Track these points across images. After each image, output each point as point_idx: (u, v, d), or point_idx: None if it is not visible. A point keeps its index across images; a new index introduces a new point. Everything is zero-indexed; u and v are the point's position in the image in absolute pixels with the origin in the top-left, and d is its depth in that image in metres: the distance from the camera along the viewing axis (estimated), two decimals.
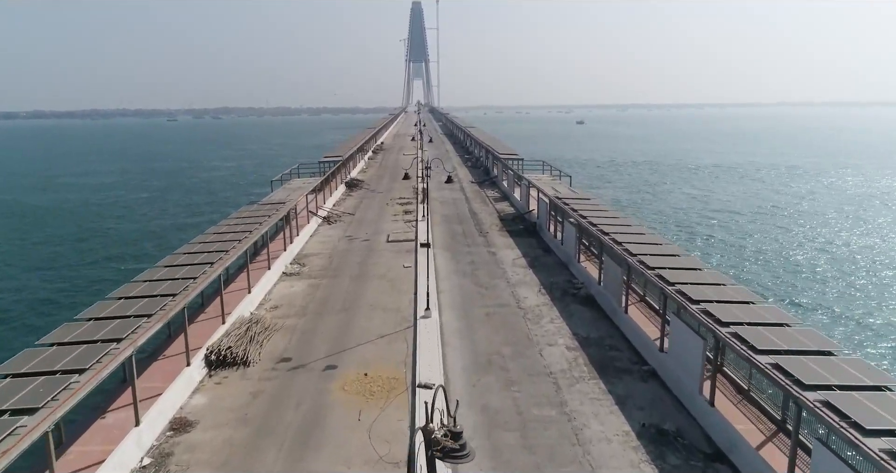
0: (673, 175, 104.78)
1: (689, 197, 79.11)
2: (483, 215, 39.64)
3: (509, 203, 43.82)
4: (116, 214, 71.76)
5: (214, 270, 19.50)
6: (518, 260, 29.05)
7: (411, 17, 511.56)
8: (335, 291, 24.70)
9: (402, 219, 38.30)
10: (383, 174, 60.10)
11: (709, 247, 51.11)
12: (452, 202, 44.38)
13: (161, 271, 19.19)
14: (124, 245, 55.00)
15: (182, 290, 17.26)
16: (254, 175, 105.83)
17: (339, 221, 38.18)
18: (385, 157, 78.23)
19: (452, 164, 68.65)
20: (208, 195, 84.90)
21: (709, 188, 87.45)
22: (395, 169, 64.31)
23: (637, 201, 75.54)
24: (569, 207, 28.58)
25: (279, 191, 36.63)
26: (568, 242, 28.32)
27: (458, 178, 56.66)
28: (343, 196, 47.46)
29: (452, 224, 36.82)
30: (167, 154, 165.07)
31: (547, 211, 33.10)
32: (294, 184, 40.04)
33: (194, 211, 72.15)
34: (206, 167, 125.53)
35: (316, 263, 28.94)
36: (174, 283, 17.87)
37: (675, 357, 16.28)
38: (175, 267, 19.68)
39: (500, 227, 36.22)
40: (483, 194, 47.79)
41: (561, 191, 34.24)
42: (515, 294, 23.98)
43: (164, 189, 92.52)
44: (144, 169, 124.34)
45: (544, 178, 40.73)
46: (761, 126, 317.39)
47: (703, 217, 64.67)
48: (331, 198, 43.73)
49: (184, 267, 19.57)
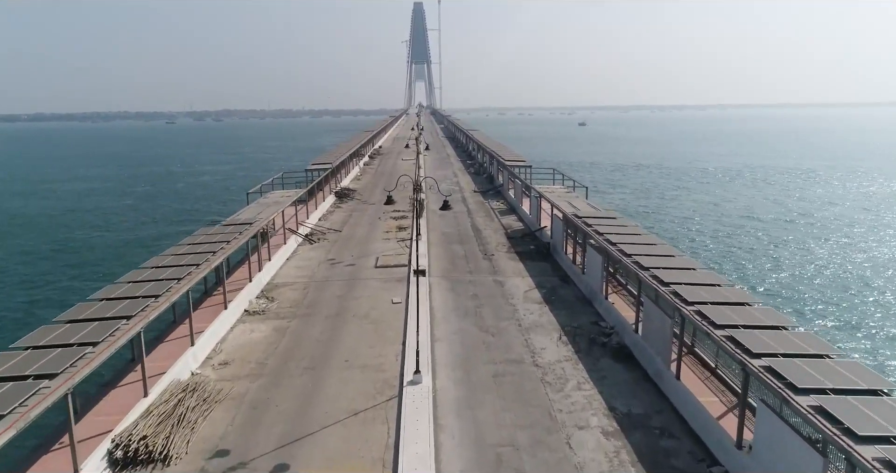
0: (683, 179, 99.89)
1: (707, 204, 74.15)
2: (488, 233, 34.74)
3: (517, 217, 38.93)
4: (93, 223, 67.07)
5: (138, 321, 14.72)
6: (531, 293, 24.15)
7: (413, 17, 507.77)
8: (304, 337, 19.82)
9: (395, 237, 33.44)
10: (378, 182, 55.26)
11: (735, 262, 46.15)
12: (453, 216, 39.50)
13: (66, 325, 14.40)
14: (89, 262, 50.25)
15: (79, 358, 12.52)
16: (244, 180, 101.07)
17: (322, 239, 33.30)
18: (382, 162, 73.40)
19: (453, 170, 63.81)
20: (194, 202, 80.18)
21: (725, 194, 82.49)
22: (391, 176, 59.43)
23: (650, 208, 70.60)
24: (591, 228, 23.71)
25: (251, 207, 31.73)
26: (591, 271, 23.42)
27: (460, 187, 51.79)
28: (332, 208, 42.60)
29: (453, 244, 31.93)
30: (160, 158, 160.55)
31: (563, 230, 28.22)
32: (272, 197, 35.18)
33: (174, 220, 67.43)
34: (197, 172, 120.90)
35: (287, 296, 24.06)
36: (73, 349, 13.06)
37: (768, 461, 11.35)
38: (90, 315, 14.90)
39: (508, 247, 31.32)
40: (487, 207, 42.89)
41: (579, 207, 29.33)
42: (530, 344, 19.07)
43: (149, 196, 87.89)
44: (133, 174, 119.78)
45: (557, 190, 35.82)
46: (765, 127, 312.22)
47: (725, 227, 59.71)
48: (316, 212, 38.86)
49: (119, 301, 14.85)
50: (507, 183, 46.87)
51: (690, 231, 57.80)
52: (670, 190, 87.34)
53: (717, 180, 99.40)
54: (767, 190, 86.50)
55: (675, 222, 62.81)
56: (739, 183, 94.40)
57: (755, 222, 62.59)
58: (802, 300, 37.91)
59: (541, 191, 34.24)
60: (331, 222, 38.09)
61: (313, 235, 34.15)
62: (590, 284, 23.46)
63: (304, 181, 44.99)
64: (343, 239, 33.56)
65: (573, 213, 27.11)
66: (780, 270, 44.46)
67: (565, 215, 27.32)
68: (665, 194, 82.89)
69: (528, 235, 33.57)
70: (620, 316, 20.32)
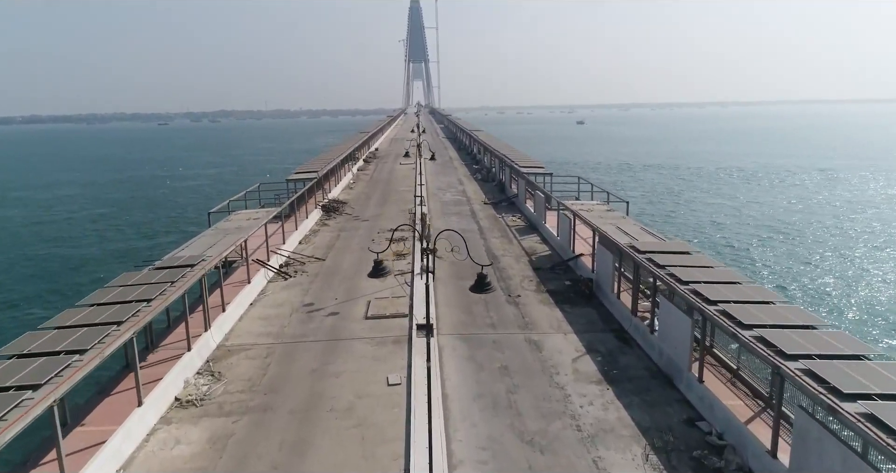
0: (696, 181, 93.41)
1: (728, 208, 67.59)
2: (508, 261, 27.87)
3: (540, 238, 32.06)
4: (59, 236, 60.27)
5: None
6: (581, 362, 17.30)
7: (410, 16, 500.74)
8: (252, 457, 12.93)
9: (392, 269, 26.52)
10: (372, 192, 48.35)
11: (778, 276, 39.35)
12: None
13: None
14: (47, 280, 43.46)
15: None
16: (231, 184, 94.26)
17: (300, 273, 26.40)
18: (378, 167, 66.48)
19: (458, 176, 56.93)
20: (173, 210, 73.34)
21: (744, 196, 75.91)
22: (388, 184, 52.60)
23: (668, 214, 63.83)
24: (665, 271, 16.90)
25: (207, 234, 24.61)
26: (670, 334, 16.54)
27: (467, 197, 44.91)
28: (316, 226, 35.69)
29: (464, 280, 25.04)
30: (147, 161, 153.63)
31: (613, 266, 21.38)
32: (240, 218, 28.20)
33: (148, 232, 60.64)
34: (182, 176, 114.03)
35: (241, 371, 17.16)
36: None
37: None
38: None
39: (537, 283, 24.47)
40: (502, 223, 36.00)
41: (630, 232, 22.45)
42: (602, 469, 12.22)
43: (126, 204, 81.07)
44: (114, 179, 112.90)
45: (593, 206, 28.83)
46: (769, 125, 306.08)
47: (753, 235, 52.99)
48: (296, 233, 31.95)
49: None
50: (523, 194, 40.04)
51: (723, 240, 51.00)
52: (686, 192, 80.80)
53: (733, 180, 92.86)
54: (791, 192, 79.91)
55: (701, 229, 56.07)
56: (758, 184, 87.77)
57: (790, 229, 55.82)
58: (873, 323, 31.26)
59: (575, 209, 27.35)
60: (313, 246, 31.18)
61: (289, 265, 27.26)
62: (666, 352, 16.59)
63: (285, 193, 38.18)
64: (327, 272, 26.65)
65: (630, 244, 20.24)
66: (865, 300, 37.71)
67: (619, 248, 20.46)
68: (680, 197, 76.27)
69: (559, 264, 26.71)
70: (726, 410, 13.52)
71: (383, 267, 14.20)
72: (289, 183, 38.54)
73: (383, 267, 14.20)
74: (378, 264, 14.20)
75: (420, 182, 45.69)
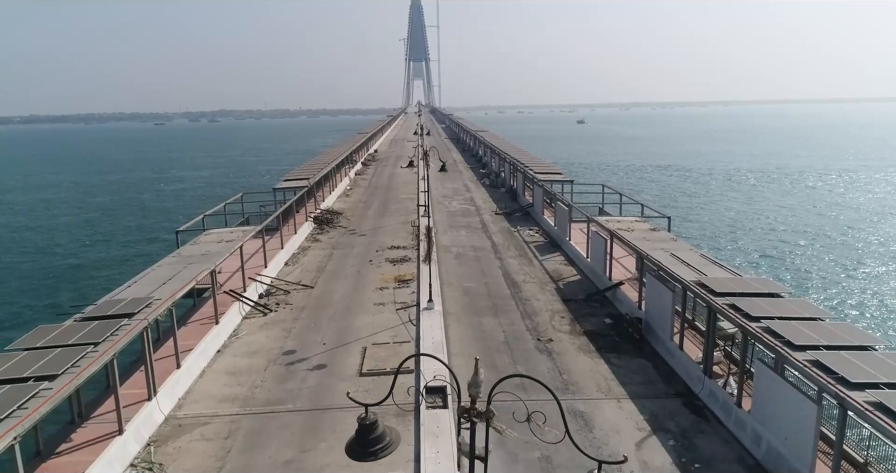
0: (709, 183, 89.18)
1: (751, 213, 63.35)
2: (531, 289, 23.42)
3: (565, 259, 27.62)
4: (30, 246, 55.73)
5: None
6: (648, 446, 12.89)
7: (411, 14, 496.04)
8: None
9: (394, 299, 22.11)
10: (371, 200, 43.92)
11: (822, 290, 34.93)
12: (474, 256, 28.25)
13: None
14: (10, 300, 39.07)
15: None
16: (222, 188, 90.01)
17: (283, 306, 21.95)
18: (378, 171, 62.04)
19: (464, 181, 52.50)
20: (156, 216, 68.87)
21: (765, 200, 71.63)
22: (388, 190, 48.17)
23: (688, 219, 59.34)
24: (759, 324, 12.49)
25: (163, 264, 19.99)
26: (779, 422, 12.05)
27: (476, 207, 40.46)
28: (306, 242, 31.23)
29: (483, 316, 20.64)
30: (139, 162, 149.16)
31: (671, 306, 16.95)
32: (210, 238, 23.60)
33: (126, 242, 56.24)
34: (172, 178, 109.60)
35: (189, 466, 12.70)
36: None
37: None
38: None
39: (570, 321, 20.04)
40: (518, 239, 31.55)
41: (688, 259, 17.97)
42: None
43: (110, 209, 76.63)
44: (102, 181, 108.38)
45: (631, 224, 24.26)
46: (774, 124, 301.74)
47: (784, 242, 48.57)
48: (281, 252, 27.50)
49: None
50: (539, 203, 35.61)
51: (750, 248, 46.55)
52: (701, 196, 76.30)
53: (748, 182, 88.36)
54: (810, 195, 75.50)
55: (726, 236, 51.61)
56: (776, 187, 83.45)
57: (815, 236, 51.38)
58: None
59: (611, 227, 22.89)
60: (301, 268, 26.71)
61: (271, 295, 22.84)
62: (769, 441, 12.11)
63: (271, 203, 33.77)
64: (315, 304, 22.20)
65: (698, 281, 15.80)
66: None
67: (684, 285, 16.03)
68: (694, 201, 71.78)
69: (594, 295, 22.27)
70: None
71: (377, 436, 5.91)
72: (276, 192, 34.09)
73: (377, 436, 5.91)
74: (366, 428, 5.94)
75: (423, 188, 41.23)
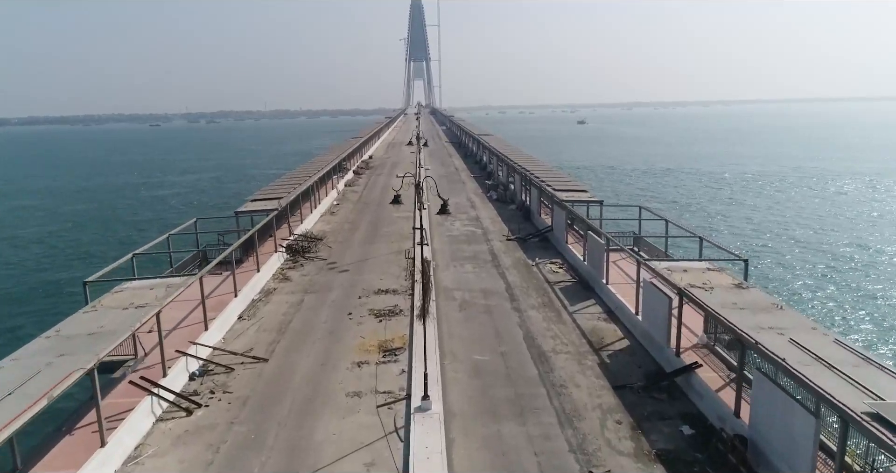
0: (724, 188, 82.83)
1: (776, 224, 56.87)
2: (567, 367, 16.94)
3: (603, 309, 21.20)
4: None
5: None
6: None
7: (411, 13, 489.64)
8: None
9: (374, 387, 15.69)
10: (360, 219, 37.50)
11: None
12: (484, 305, 21.82)
13: None
14: None
15: None
16: (205, 195, 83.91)
17: (218, 397, 15.52)
18: (370, 181, 55.65)
19: (467, 194, 46.10)
20: (125, 231, 62.50)
21: (788, 206, 65.19)
22: (380, 207, 41.80)
23: (713, 230, 52.99)
24: None
25: (32, 350, 13.38)
26: None
27: (483, 229, 34.06)
28: (273, 283, 24.80)
29: (501, 420, 14.21)
30: (126, 165, 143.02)
31: (812, 434, 10.55)
32: (124, 296, 17.01)
33: (92, 259, 49.82)
34: (156, 183, 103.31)
35: None
36: None
37: None
38: None
39: (632, 431, 13.62)
40: (539, 277, 25.09)
41: (833, 357, 11.57)
42: None
43: (84, 218, 70.76)
44: (83, 186, 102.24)
45: (707, 275, 17.64)
46: (778, 124, 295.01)
47: (825, 259, 42.26)
48: (234, 302, 21.07)
49: None
50: (562, 228, 29.20)
51: (783, 267, 40.19)
52: (720, 202, 69.92)
53: (766, 187, 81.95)
54: (838, 202, 69.04)
55: (752, 248, 45.28)
56: (796, 193, 76.79)
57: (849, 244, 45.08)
58: None
59: (676, 280, 16.46)
60: (258, 325, 20.28)
61: (206, 375, 16.47)
62: None
63: (233, 228, 27.45)
64: (265, 391, 15.78)
65: (874, 412, 9.43)
66: None
67: (841, 415, 9.65)
68: (708, 208, 65.36)
69: (658, 380, 15.86)
70: None
71: None
72: (239, 217, 27.68)
73: None
74: None
75: (420, 204, 34.76)
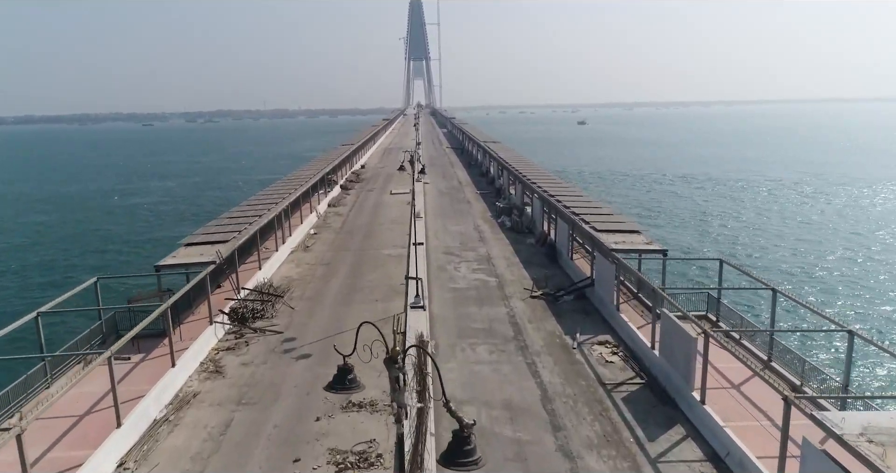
0: (741, 198, 75.08)
1: (810, 243, 49.09)
2: None
3: (701, 448, 13.28)
4: None
5: None
6: None
7: (410, 11, 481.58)
8: None
9: None
10: (338, 261, 29.40)
11: None
12: (511, 438, 13.80)
13: None
14: None
15: None
16: (184, 204, 76.02)
17: None
18: (360, 199, 47.66)
19: (474, 219, 38.10)
20: (84, 250, 54.66)
21: (815, 220, 57.39)
22: (367, 237, 33.81)
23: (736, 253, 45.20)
24: None
25: None
26: None
27: (497, 273, 26.05)
28: (197, 380, 16.88)
29: None
30: (108, 168, 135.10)
31: None
32: None
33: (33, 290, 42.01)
34: (133, 190, 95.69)
35: None
36: None
37: None
38: None
39: None
40: (588, 374, 17.02)
41: None
42: None
43: (36, 235, 62.93)
44: (51, 194, 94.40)
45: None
46: (782, 125, 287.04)
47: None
48: (116, 433, 13.14)
49: None
50: (612, 290, 21.19)
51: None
52: (738, 214, 62.11)
53: (789, 197, 74.13)
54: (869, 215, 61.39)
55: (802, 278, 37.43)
56: (823, 206, 68.91)
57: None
58: None
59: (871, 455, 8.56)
60: None
61: None
62: None
63: (147, 298, 19.60)
64: None
65: None
66: None
67: None
68: (726, 224, 57.57)
69: None
70: None
71: None
72: (160, 276, 19.73)
73: None
74: None
75: (416, 238, 26.88)
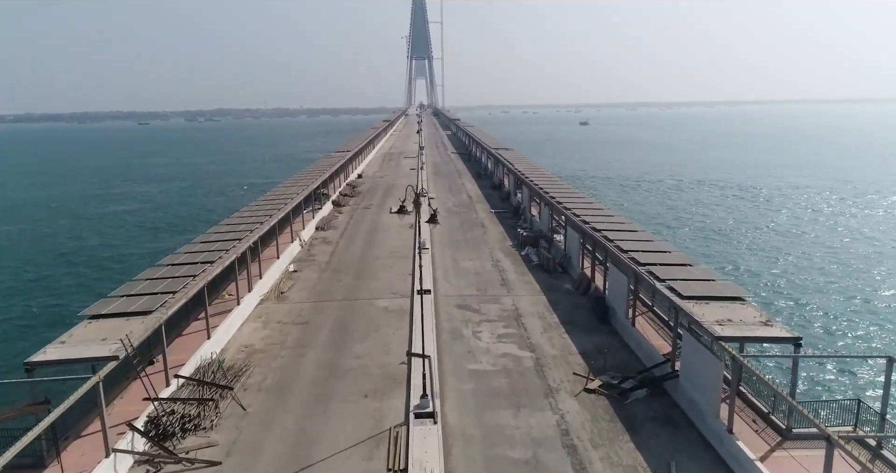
0: (756, 207, 68.09)
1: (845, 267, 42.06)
2: None
3: None
4: None
5: None
6: None
7: (413, 10, 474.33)
8: None
9: None
10: (319, 316, 22.64)
11: None
12: None
13: None
14: None
15: None
16: (161, 212, 69.49)
17: None
18: (353, 219, 40.85)
19: (490, 249, 31.30)
20: (36, 272, 47.84)
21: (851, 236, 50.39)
22: (359, 278, 26.97)
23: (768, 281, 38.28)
24: None
25: None
26: None
27: (531, 342, 19.26)
28: None
29: None
30: (94, 170, 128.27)
31: None
32: None
33: None
34: (114, 196, 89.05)
35: None
36: None
37: None
38: None
39: None
40: None
41: None
42: None
43: (15, 239, 56.38)
44: (27, 199, 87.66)
45: None
46: (786, 125, 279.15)
47: None
48: None
49: None
50: (717, 390, 14.42)
51: None
52: (759, 227, 55.15)
53: (811, 207, 67.12)
54: None
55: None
56: (851, 218, 61.74)
57: None
58: None
59: None
60: None
61: None
62: None
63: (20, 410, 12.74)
64: None
65: None
66: None
67: None
68: (756, 249, 50.59)
69: None
70: None
71: None
72: (35, 375, 13.14)
73: None
74: None
75: (422, 284, 20.27)
